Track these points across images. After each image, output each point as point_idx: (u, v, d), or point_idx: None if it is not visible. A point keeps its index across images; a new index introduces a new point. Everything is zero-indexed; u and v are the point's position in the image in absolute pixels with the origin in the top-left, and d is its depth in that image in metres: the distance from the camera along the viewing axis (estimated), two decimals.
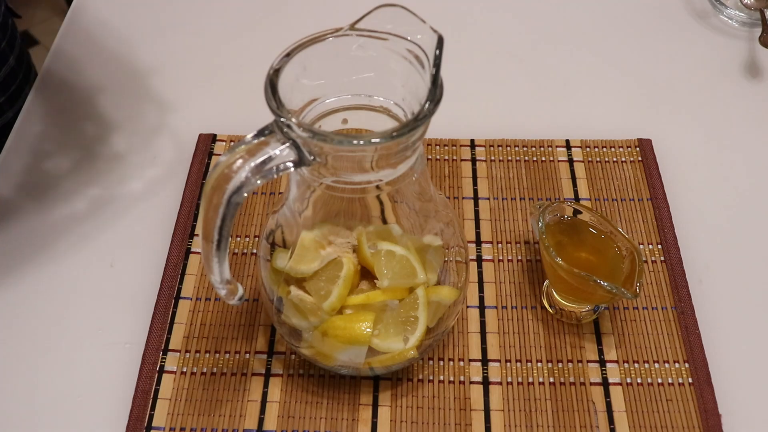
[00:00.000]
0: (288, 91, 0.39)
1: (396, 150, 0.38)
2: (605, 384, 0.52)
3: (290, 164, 0.38)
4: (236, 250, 0.59)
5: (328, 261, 0.46)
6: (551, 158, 0.65)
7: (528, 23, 0.79)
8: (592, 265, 0.52)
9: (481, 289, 0.57)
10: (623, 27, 0.78)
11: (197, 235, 0.59)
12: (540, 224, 0.52)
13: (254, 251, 0.59)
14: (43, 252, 0.60)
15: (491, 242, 0.60)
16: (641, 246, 0.59)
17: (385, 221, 0.46)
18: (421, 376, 0.52)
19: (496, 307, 0.56)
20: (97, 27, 0.78)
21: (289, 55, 0.39)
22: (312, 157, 0.38)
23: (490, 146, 0.66)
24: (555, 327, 0.55)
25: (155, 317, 0.55)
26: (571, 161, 0.65)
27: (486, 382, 0.52)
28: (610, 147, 0.65)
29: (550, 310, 0.55)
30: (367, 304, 0.46)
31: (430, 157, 0.65)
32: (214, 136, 0.67)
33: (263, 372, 0.53)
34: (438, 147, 0.66)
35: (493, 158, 0.65)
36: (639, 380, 0.52)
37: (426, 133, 0.39)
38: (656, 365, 0.53)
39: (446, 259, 0.49)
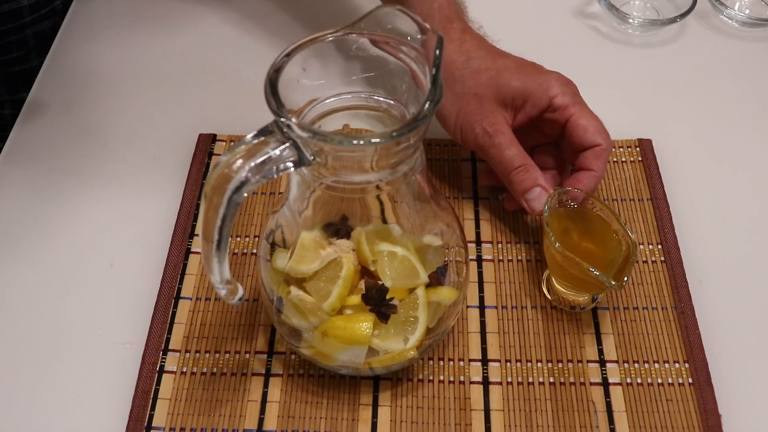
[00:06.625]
0: (288, 91, 0.39)
1: (396, 150, 0.38)
2: (605, 384, 0.52)
3: (290, 164, 0.38)
4: (236, 250, 0.59)
5: (328, 261, 0.46)
6: None
7: (527, 23, 0.79)
8: (592, 254, 0.52)
9: (481, 289, 0.57)
10: (623, 26, 0.78)
11: (197, 235, 0.59)
12: (546, 207, 0.52)
13: (254, 251, 0.59)
14: (43, 252, 0.60)
15: (491, 242, 0.60)
16: (641, 246, 0.59)
17: (385, 221, 0.46)
18: (421, 376, 0.52)
19: (496, 307, 0.56)
20: (96, 27, 0.78)
21: (289, 55, 0.39)
22: (312, 157, 0.38)
23: None
24: (555, 327, 0.55)
25: (155, 317, 0.55)
26: None
27: (486, 382, 0.52)
28: None
29: (549, 296, 0.55)
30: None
31: (430, 157, 0.65)
32: (214, 136, 0.67)
33: (263, 372, 0.53)
34: (438, 147, 0.66)
35: None
36: (639, 380, 0.52)
37: (426, 134, 0.39)
38: (656, 365, 0.53)
39: (446, 259, 0.49)
